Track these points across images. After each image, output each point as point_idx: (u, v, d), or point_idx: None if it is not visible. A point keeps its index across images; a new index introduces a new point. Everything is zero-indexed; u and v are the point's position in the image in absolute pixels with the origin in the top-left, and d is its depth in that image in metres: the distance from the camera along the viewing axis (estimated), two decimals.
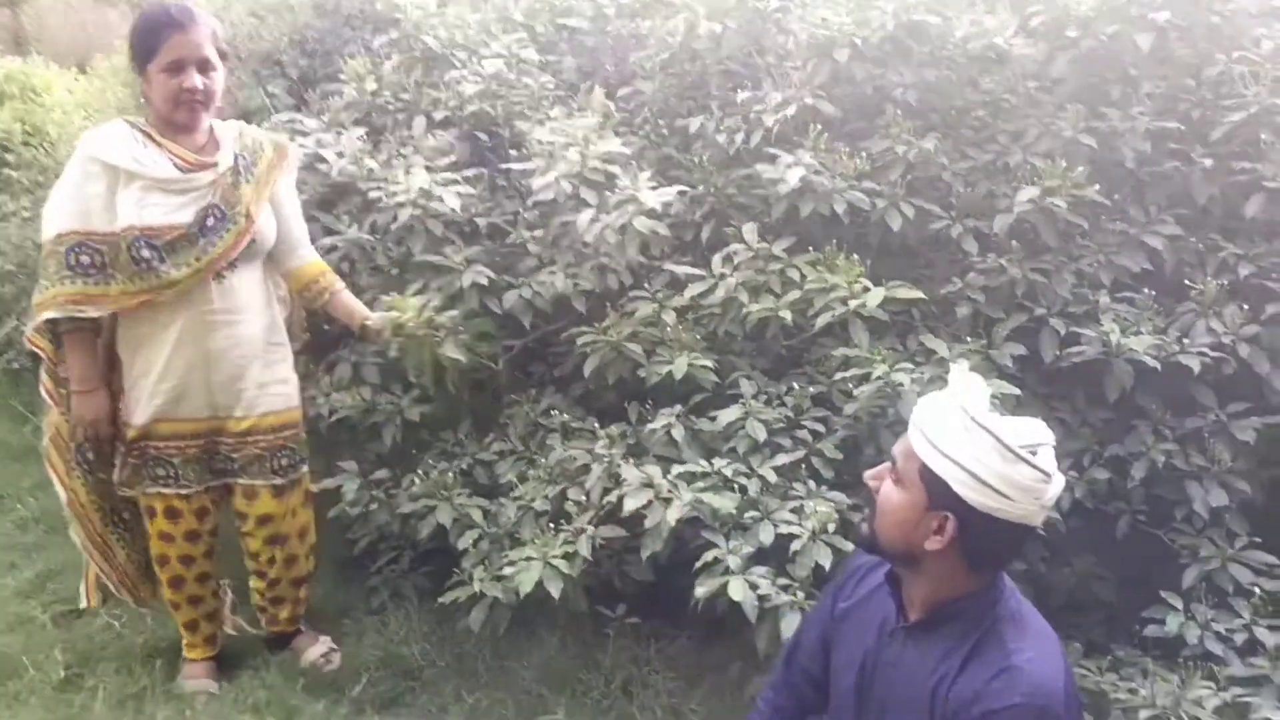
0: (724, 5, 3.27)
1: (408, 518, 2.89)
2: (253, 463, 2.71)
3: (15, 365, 4.65)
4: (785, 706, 1.94)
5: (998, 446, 1.53)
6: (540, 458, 2.84)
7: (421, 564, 3.13)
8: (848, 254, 2.77)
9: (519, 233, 3.14)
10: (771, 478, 2.54)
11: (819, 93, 3.02)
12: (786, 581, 2.38)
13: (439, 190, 2.97)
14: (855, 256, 2.76)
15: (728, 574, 2.36)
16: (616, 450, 2.68)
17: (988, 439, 1.54)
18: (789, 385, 2.78)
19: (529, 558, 2.52)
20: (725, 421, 2.64)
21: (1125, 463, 2.66)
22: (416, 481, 2.91)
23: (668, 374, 2.70)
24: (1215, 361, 2.60)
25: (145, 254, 2.50)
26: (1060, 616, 2.51)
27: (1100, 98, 2.99)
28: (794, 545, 2.40)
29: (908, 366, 2.56)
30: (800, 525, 2.43)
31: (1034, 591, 2.59)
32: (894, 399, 2.53)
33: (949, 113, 3.14)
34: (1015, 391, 2.53)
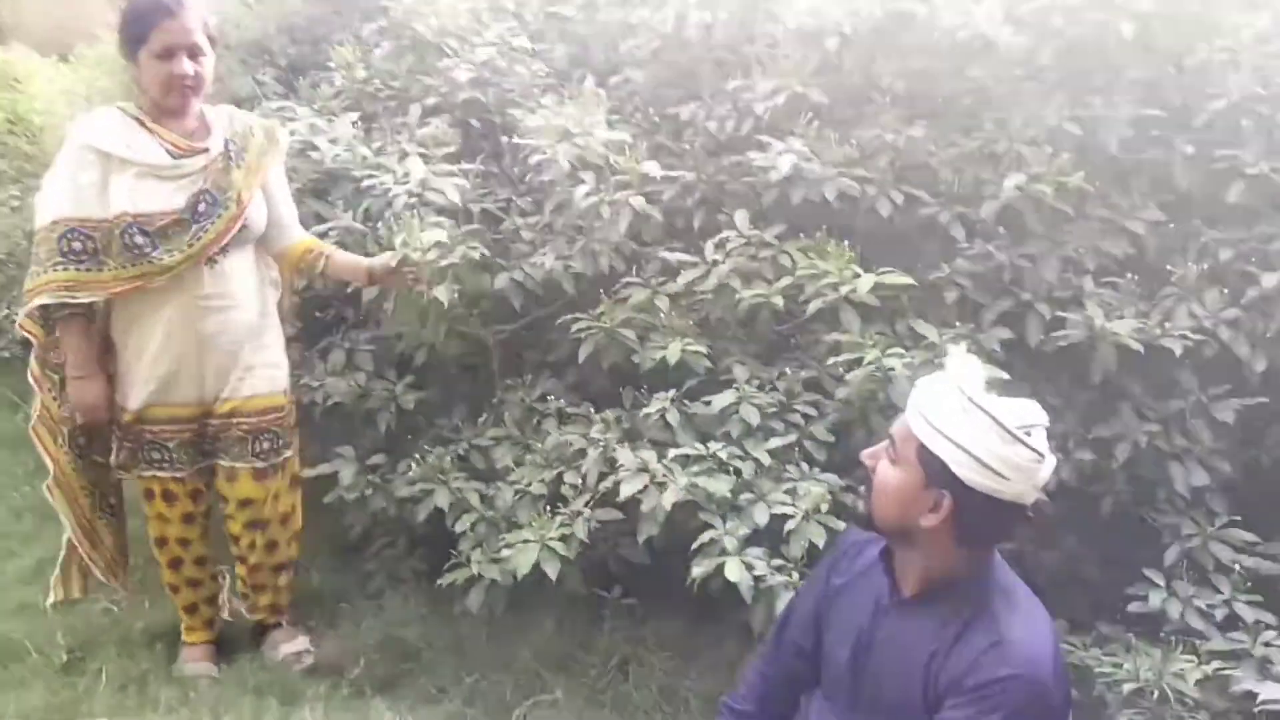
0: None
1: (404, 502, 2.92)
2: (235, 444, 2.73)
3: (6, 354, 4.64)
4: (774, 679, 1.97)
5: (995, 427, 1.57)
6: (536, 443, 2.88)
7: (417, 548, 3.16)
8: (838, 240, 2.82)
9: (512, 219, 3.17)
10: (765, 460, 2.58)
11: (809, 81, 3.06)
12: (781, 562, 2.44)
13: (436, 181, 2.99)
14: (845, 243, 2.80)
15: (724, 555, 2.41)
16: (612, 435, 2.72)
17: (985, 420, 1.58)
18: (781, 370, 2.82)
19: (526, 540, 2.57)
20: (719, 406, 2.68)
21: (1109, 444, 2.71)
22: (413, 466, 2.94)
23: (661, 359, 2.74)
24: (1196, 344, 2.64)
25: (138, 240, 2.53)
26: (1045, 595, 2.51)
27: (1085, 85, 3.03)
28: (788, 526, 2.45)
29: (899, 351, 2.60)
30: (794, 506, 2.48)
31: (1020, 571, 2.58)
32: (884, 383, 2.57)
33: (936, 101, 3.17)
34: (1003, 375, 2.58)
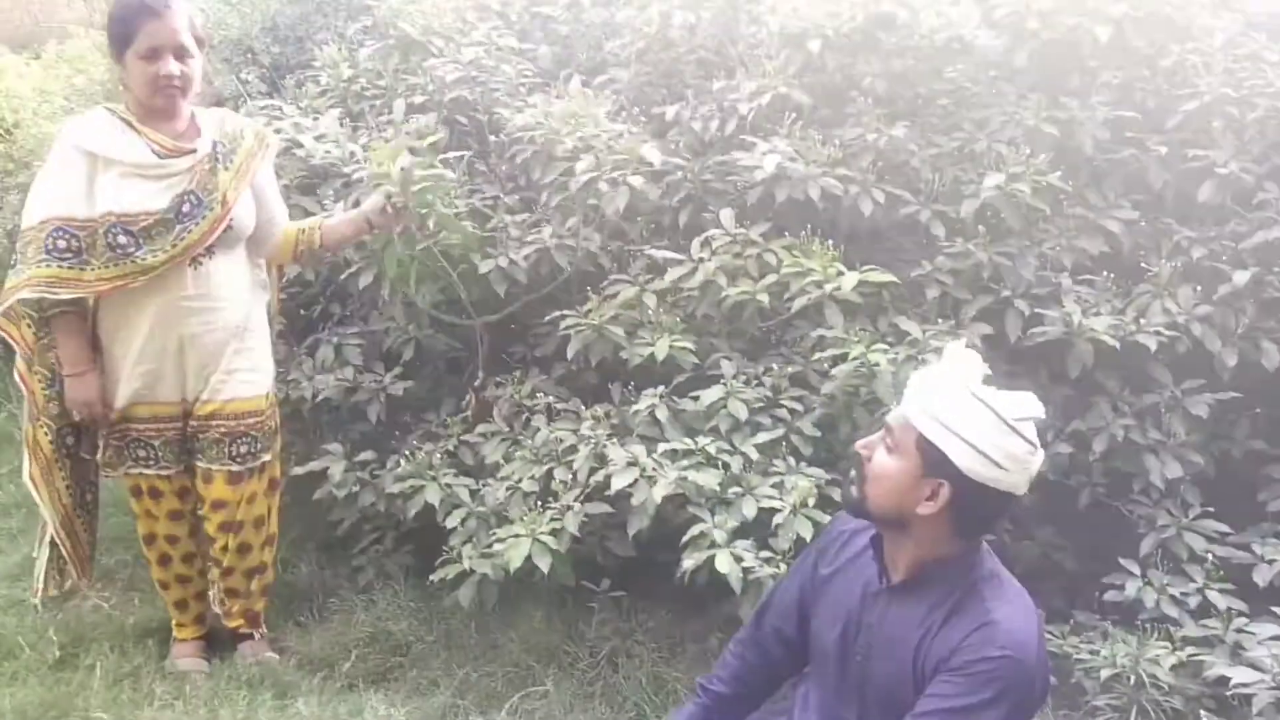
0: None
1: (394, 498, 2.94)
2: (211, 446, 2.73)
3: None
4: (751, 661, 2.01)
5: (995, 419, 1.62)
6: (526, 438, 2.91)
7: (405, 544, 3.18)
8: (821, 238, 2.87)
9: (500, 216, 3.20)
10: (753, 455, 2.63)
11: (792, 81, 3.11)
12: (769, 554, 2.48)
13: (420, 173, 3.01)
14: (829, 241, 2.86)
15: (714, 547, 2.45)
16: (602, 430, 2.76)
17: (986, 412, 1.63)
18: (767, 366, 2.87)
19: (517, 535, 2.60)
20: (707, 401, 2.72)
21: (1086, 437, 2.77)
22: (402, 463, 2.97)
23: (649, 355, 2.78)
24: (1170, 340, 2.71)
25: (121, 240, 2.53)
26: (1024, 585, 2.61)
27: (1060, 87, 3.11)
28: (776, 519, 2.49)
29: (883, 347, 2.65)
30: (781, 500, 2.52)
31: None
32: (869, 378, 2.63)
33: (916, 101, 3.24)
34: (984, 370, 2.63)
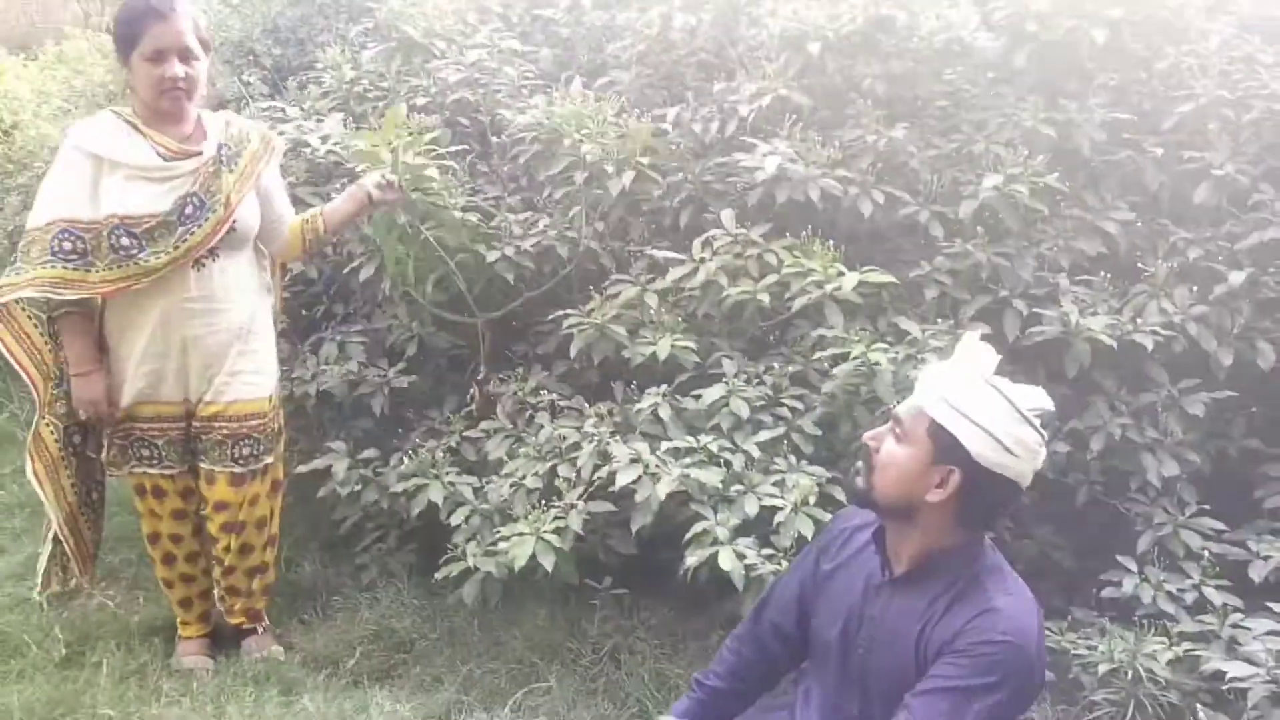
0: None
1: (397, 495, 2.96)
2: (215, 447, 2.75)
3: None
4: (748, 656, 2.04)
5: (1009, 407, 1.67)
6: (529, 435, 2.94)
7: (408, 542, 3.20)
8: (821, 239, 2.90)
9: (503, 215, 3.23)
10: (755, 453, 2.65)
11: (792, 84, 3.14)
12: (770, 551, 2.50)
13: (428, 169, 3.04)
14: (829, 241, 2.89)
15: (716, 544, 2.48)
16: (605, 428, 2.78)
17: (1001, 400, 1.67)
18: (768, 365, 2.90)
19: (521, 533, 2.62)
20: (709, 400, 2.75)
21: (1083, 436, 2.79)
22: (405, 460, 2.99)
23: (651, 354, 2.81)
24: (1166, 340, 2.73)
25: (124, 242, 2.56)
26: None
27: (1058, 89, 3.14)
28: (778, 517, 2.52)
29: (883, 347, 2.68)
30: (783, 498, 2.55)
31: None
32: (869, 377, 2.65)
33: (915, 103, 3.27)
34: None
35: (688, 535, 2.53)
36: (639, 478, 2.56)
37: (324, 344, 3.31)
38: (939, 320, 2.84)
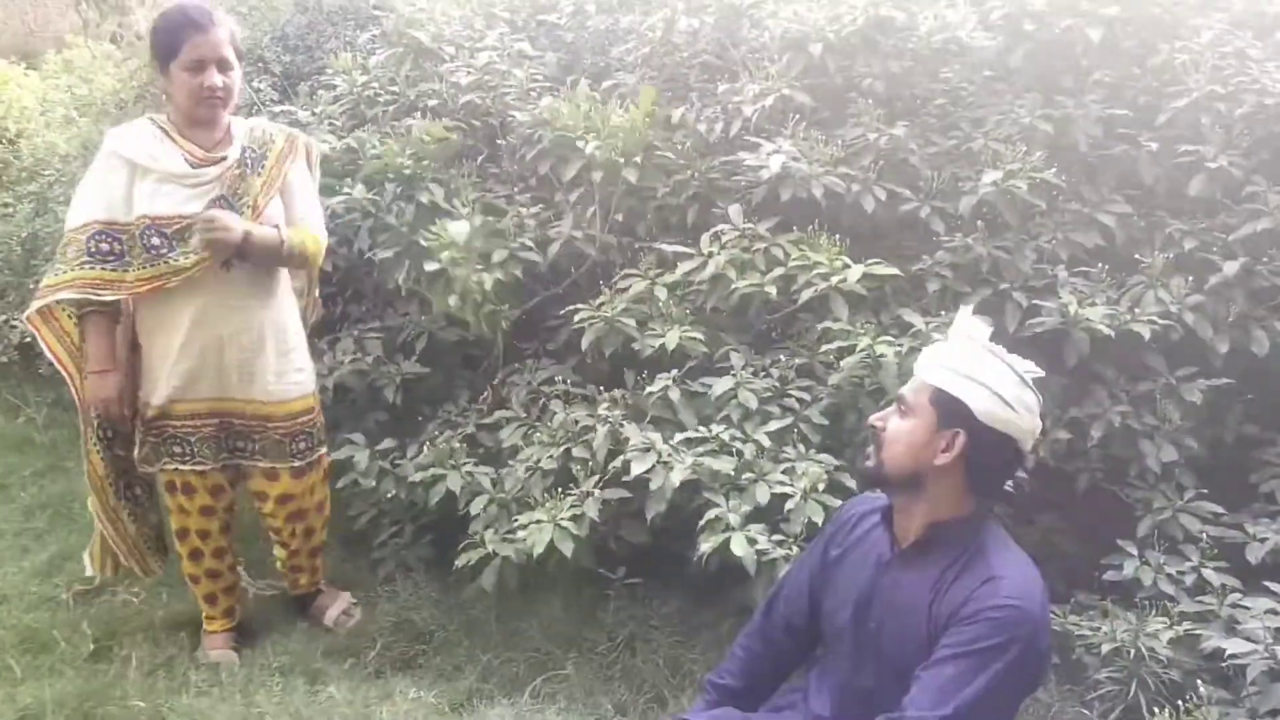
0: (701, 1, 3.46)
1: (414, 486, 3.02)
2: (273, 446, 2.85)
3: (3, 359, 4.68)
4: (759, 653, 2.10)
5: (1008, 369, 1.77)
6: (543, 423, 3.00)
7: (424, 536, 3.26)
8: (827, 235, 2.97)
9: (515, 209, 3.30)
10: (765, 442, 2.72)
11: (794, 84, 3.21)
12: (781, 538, 2.56)
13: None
14: (835, 236, 2.95)
15: (729, 530, 2.54)
16: (619, 411, 2.85)
17: (999, 363, 1.77)
18: (774, 357, 2.97)
19: (539, 520, 2.69)
20: (719, 391, 2.81)
21: (1084, 424, 2.84)
22: (423, 450, 3.06)
23: (660, 346, 2.87)
24: (1164, 329, 2.78)
25: (155, 242, 2.63)
26: None
27: (1054, 87, 3.20)
28: (788, 504, 2.58)
29: (888, 339, 2.74)
30: (793, 485, 2.61)
31: None
32: (874, 369, 2.72)
33: (915, 102, 3.34)
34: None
35: (702, 521, 2.60)
36: (653, 466, 2.63)
37: (341, 340, 3.38)
38: (941, 313, 2.89)
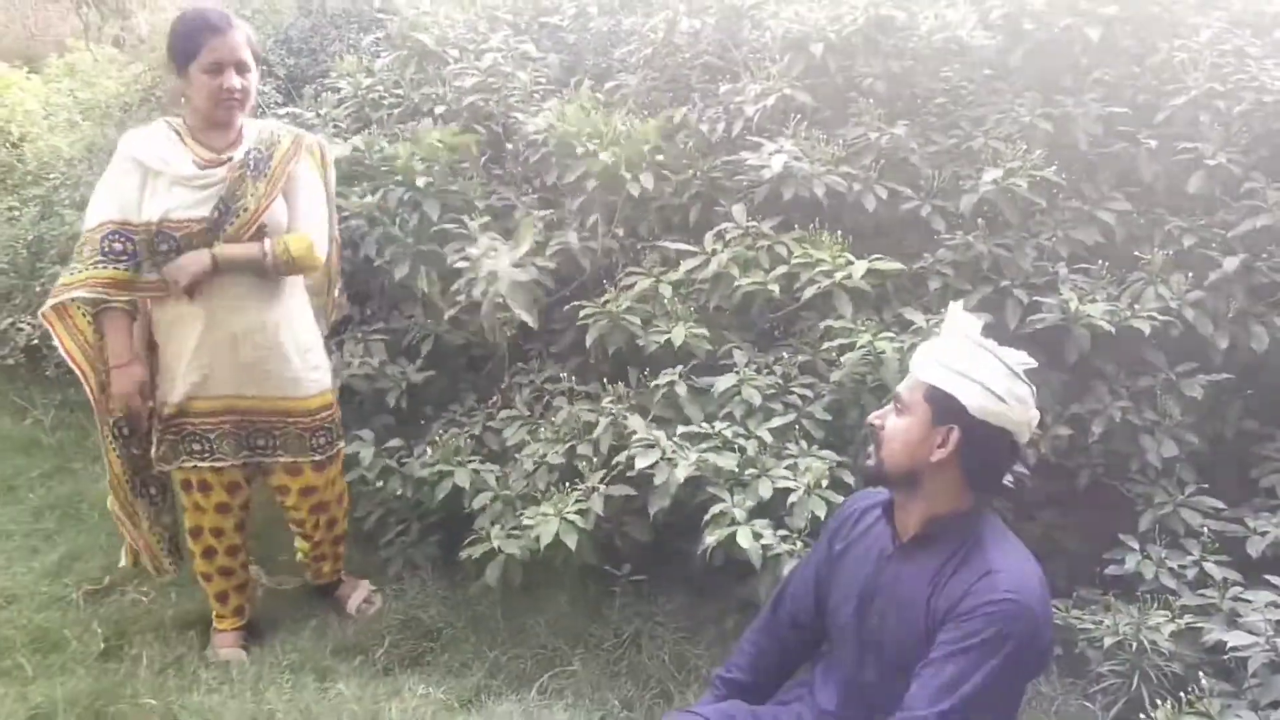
0: (703, 2, 3.48)
1: (421, 484, 3.05)
2: (294, 441, 2.88)
3: (10, 361, 4.71)
4: (767, 649, 2.12)
5: (999, 363, 1.79)
6: (547, 421, 3.03)
7: (430, 535, 3.29)
8: (830, 233, 2.99)
9: (522, 206, 3.32)
10: (768, 438, 2.74)
11: (795, 84, 3.23)
12: (785, 532, 2.59)
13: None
14: (837, 233, 2.98)
15: (734, 525, 2.56)
16: (622, 405, 2.87)
17: (990, 357, 1.80)
18: (777, 355, 2.99)
19: (545, 514, 2.72)
20: (722, 388, 2.84)
21: (1084, 420, 2.86)
22: (430, 450, 3.09)
23: (665, 342, 2.90)
24: (1164, 325, 2.81)
25: (164, 247, 2.67)
26: None
27: (1054, 85, 3.22)
28: (791, 499, 2.60)
29: (889, 336, 2.77)
30: (796, 481, 2.64)
31: None
32: (875, 366, 2.74)
33: (915, 101, 3.36)
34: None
35: (707, 516, 2.62)
36: (657, 462, 2.66)
37: (347, 343, 3.40)
38: (942, 310, 2.89)
